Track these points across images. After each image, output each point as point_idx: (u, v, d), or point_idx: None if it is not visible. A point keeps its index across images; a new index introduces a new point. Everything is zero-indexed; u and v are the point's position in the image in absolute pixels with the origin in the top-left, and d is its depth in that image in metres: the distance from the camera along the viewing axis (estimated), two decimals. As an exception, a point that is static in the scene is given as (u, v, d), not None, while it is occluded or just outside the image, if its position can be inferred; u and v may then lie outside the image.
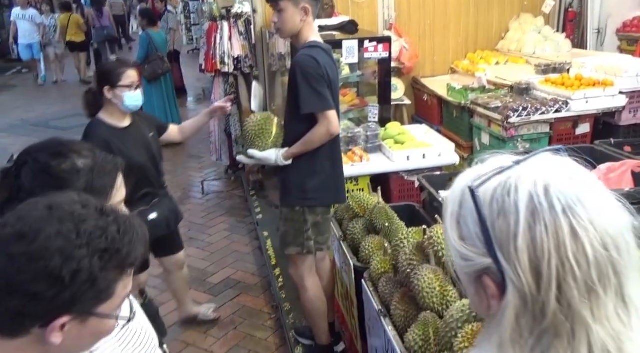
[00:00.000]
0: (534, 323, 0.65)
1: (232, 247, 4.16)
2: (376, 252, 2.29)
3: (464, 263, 0.72)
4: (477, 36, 5.62)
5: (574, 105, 3.89)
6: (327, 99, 2.41)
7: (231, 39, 5.36)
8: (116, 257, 0.81)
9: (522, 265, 0.64)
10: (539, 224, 0.64)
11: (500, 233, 0.66)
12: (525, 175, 0.67)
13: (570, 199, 0.64)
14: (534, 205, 0.65)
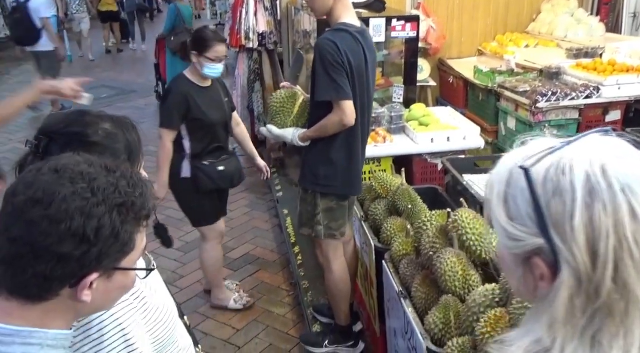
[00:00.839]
0: (587, 303, 0.65)
1: (252, 223, 4.19)
2: (398, 234, 2.28)
3: (512, 244, 0.71)
4: (507, 18, 5.48)
5: (606, 91, 3.78)
6: (343, 87, 2.29)
7: (257, 15, 5.32)
8: (132, 210, 0.83)
9: (578, 245, 0.64)
10: (597, 203, 0.63)
11: (555, 213, 0.66)
12: (580, 155, 0.66)
13: (628, 178, 0.64)
14: (591, 185, 0.64)
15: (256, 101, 5.52)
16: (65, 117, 1.13)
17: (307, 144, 2.52)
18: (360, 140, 2.54)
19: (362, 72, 2.40)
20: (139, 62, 10.37)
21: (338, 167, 2.49)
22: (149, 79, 8.09)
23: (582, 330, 0.66)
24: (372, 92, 2.63)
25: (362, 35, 2.40)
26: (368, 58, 2.41)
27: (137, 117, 7.08)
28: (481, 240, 1.83)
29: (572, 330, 0.66)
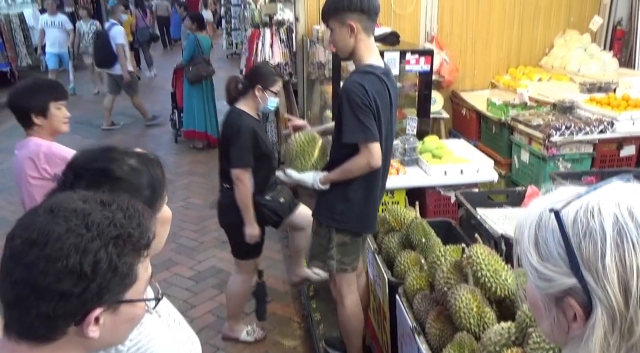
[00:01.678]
0: (621, 341, 0.67)
1: (265, 253, 4.13)
2: (412, 268, 2.27)
3: (544, 284, 0.73)
4: (519, 51, 5.54)
5: (620, 126, 3.79)
6: (371, 130, 2.31)
7: (272, 46, 5.44)
8: (129, 241, 0.83)
9: (611, 283, 0.66)
10: (627, 243, 0.66)
11: (586, 253, 0.68)
12: (606, 199, 0.70)
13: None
14: (620, 225, 0.67)
15: (270, 131, 5.59)
16: (92, 152, 1.16)
17: (327, 187, 2.52)
18: (380, 180, 2.55)
19: (387, 113, 2.42)
20: (156, 91, 10.55)
21: (354, 205, 2.49)
22: (165, 107, 8.23)
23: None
24: (394, 131, 2.63)
25: (387, 75, 2.41)
26: (392, 98, 2.43)
27: (153, 144, 7.19)
28: (496, 277, 1.82)
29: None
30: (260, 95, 2.86)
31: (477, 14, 5.37)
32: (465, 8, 5.34)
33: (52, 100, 2.39)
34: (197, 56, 6.60)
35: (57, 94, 2.44)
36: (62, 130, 2.46)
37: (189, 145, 6.99)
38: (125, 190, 1.03)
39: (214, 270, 3.95)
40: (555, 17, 5.45)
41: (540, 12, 5.40)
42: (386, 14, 5.18)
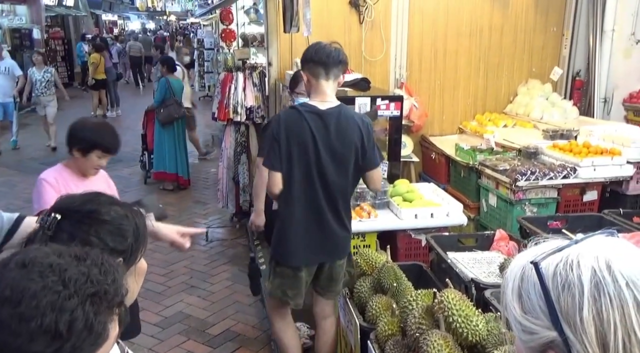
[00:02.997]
0: None
1: (234, 297, 4.10)
2: (384, 313, 2.25)
3: (527, 337, 0.73)
4: (485, 98, 5.74)
5: (582, 172, 3.92)
6: (269, 158, 2.57)
7: (245, 90, 5.49)
8: (105, 299, 0.80)
9: (588, 337, 0.66)
10: (604, 297, 0.67)
11: (565, 306, 0.69)
12: (586, 252, 0.70)
13: (632, 274, 0.67)
14: (597, 279, 0.68)
15: (242, 173, 5.57)
16: (80, 196, 1.15)
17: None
18: (299, 212, 2.60)
19: (307, 147, 2.53)
20: (126, 132, 10.47)
21: (275, 235, 2.71)
22: (135, 149, 8.15)
23: None
24: (333, 167, 2.58)
25: (318, 115, 2.54)
26: (317, 135, 2.51)
27: (122, 186, 7.06)
28: (467, 322, 1.82)
29: None
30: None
31: (444, 62, 5.58)
32: (433, 56, 5.54)
33: (100, 149, 2.45)
34: (168, 98, 6.61)
35: (108, 146, 2.50)
36: (88, 174, 2.53)
37: (159, 186, 6.90)
38: (110, 233, 1.03)
39: (181, 316, 3.83)
40: (519, 67, 5.70)
41: (504, 62, 5.65)
42: (357, 60, 5.34)
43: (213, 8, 11.38)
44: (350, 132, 2.56)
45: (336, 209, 2.64)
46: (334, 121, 2.55)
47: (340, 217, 2.66)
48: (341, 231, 2.67)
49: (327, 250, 2.67)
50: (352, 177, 2.65)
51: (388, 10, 5.33)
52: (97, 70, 11.78)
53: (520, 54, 5.67)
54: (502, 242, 2.88)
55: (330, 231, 2.63)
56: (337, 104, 2.61)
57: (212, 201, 6.26)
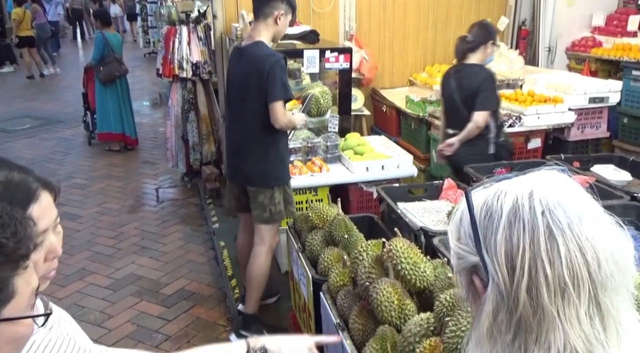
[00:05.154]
0: (510, 318, 0.69)
1: (187, 256, 4.05)
2: (335, 265, 2.27)
3: (457, 262, 0.76)
4: (435, 50, 5.74)
5: (527, 120, 4.01)
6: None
7: (190, 44, 5.27)
8: (2, 252, 0.75)
9: (499, 258, 0.69)
10: (518, 222, 0.68)
11: (485, 231, 0.71)
12: (517, 183, 0.72)
13: (551, 202, 0.68)
14: (516, 206, 0.69)
15: (191, 131, 5.42)
16: None
17: None
18: (227, 131, 3.03)
19: (232, 79, 2.93)
20: (66, 91, 9.96)
21: None
22: (76, 109, 7.78)
23: (508, 346, 0.69)
24: (242, 97, 2.85)
25: (237, 50, 2.90)
26: (231, 70, 2.94)
27: (64, 148, 6.77)
28: (415, 269, 1.85)
29: (500, 348, 0.70)
30: (490, 50, 3.34)
31: (393, 14, 5.50)
32: (382, 8, 5.45)
33: None
34: (107, 55, 6.25)
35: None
36: None
37: (104, 147, 6.64)
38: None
39: (133, 277, 3.76)
40: (466, 17, 5.68)
41: (452, 13, 5.63)
42: (305, 12, 5.19)
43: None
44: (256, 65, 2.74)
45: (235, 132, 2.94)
46: (245, 54, 2.80)
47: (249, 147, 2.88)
48: (254, 159, 2.87)
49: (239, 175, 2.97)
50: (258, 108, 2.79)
51: (335, -41, 5.17)
52: (20, 26, 10.83)
53: (468, 5, 5.66)
54: (450, 191, 2.93)
55: (237, 156, 2.94)
56: (253, 42, 2.81)
57: (162, 161, 6.09)
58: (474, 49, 3.33)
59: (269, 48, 2.81)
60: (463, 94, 3.35)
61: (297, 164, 3.58)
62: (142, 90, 9.86)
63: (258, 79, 2.71)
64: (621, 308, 0.69)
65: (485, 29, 3.41)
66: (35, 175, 1.05)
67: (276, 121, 2.75)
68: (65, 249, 4.21)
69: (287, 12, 2.80)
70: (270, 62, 2.69)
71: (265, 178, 2.88)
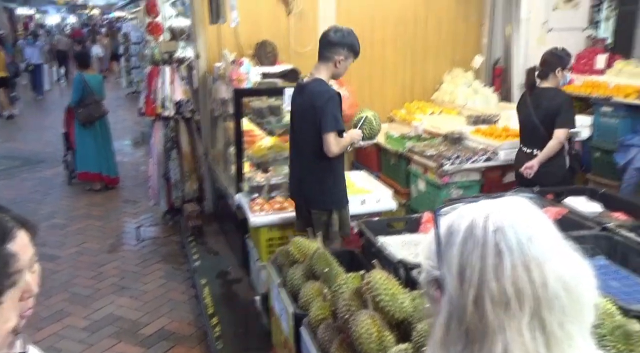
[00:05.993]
0: (459, 328, 0.72)
1: (168, 295, 3.99)
2: (316, 298, 2.26)
3: (424, 276, 0.80)
4: (413, 87, 5.90)
5: (502, 154, 4.11)
6: None
7: (173, 83, 5.35)
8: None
9: (452, 271, 0.74)
10: (472, 238, 0.74)
11: (445, 246, 0.76)
12: (480, 205, 0.77)
13: (503, 223, 0.73)
14: (473, 224, 0.75)
15: (173, 169, 5.43)
16: None
17: None
18: (291, 160, 3.30)
19: (293, 114, 3.22)
20: (47, 131, 9.93)
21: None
22: (57, 148, 7.75)
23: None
24: (297, 128, 3.20)
25: (299, 86, 3.21)
26: (293, 104, 3.21)
27: (44, 188, 6.70)
28: (394, 301, 1.86)
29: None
30: (561, 75, 3.66)
31: (372, 53, 5.66)
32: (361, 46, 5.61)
33: None
34: (86, 97, 6.27)
35: None
36: None
37: (85, 187, 6.59)
38: None
39: (111, 318, 3.68)
40: (443, 55, 5.89)
41: (429, 52, 5.82)
42: (286, 52, 5.33)
43: (135, 0, 10.96)
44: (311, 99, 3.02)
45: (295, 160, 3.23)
46: (303, 91, 3.09)
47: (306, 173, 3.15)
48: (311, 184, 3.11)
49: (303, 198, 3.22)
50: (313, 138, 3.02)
51: (315, 1, 5.35)
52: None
53: (444, 43, 5.86)
54: (429, 224, 2.97)
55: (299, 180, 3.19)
56: (313, 78, 3.07)
57: (143, 199, 6.06)
58: (545, 76, 3.68)
59: (327, 85, 3.06)
60: (541, 115, 3.63)
61: (278, 200, 3.60)
62: (125, 129, 9.88)
63: (313, 112, 2.96)
64: (575, 334, 0.71)
65: (554, 57, 3.73)
66: (12, 213, 1.05)
67: (328, 151, 2.98)
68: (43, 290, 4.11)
69: (348, 57, 3.07)
70: (325, 98, 2.96)
71: (323, 201, 3.13)
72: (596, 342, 0.96)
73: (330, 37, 3.02)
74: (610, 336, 1.34)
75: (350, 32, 3.09)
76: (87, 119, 6.31)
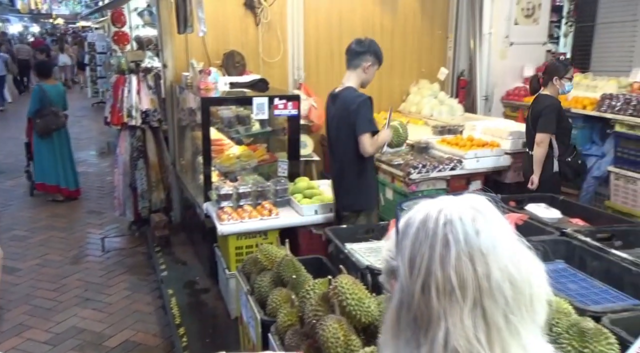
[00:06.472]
0: (408, 315, 0.76)
1: (133, 306, 3.91)
2: (283, 305, 2.26)
3: (385, 267, 0.84)
4: (381, 98, 5.98)
5: (467, 163, 4.21)
6: None
7: (139, 93, 5.29)
8: None
9: (404, 259, 0.77)
10: (424, 230, 0.77)
11: (402, 237, 0.80)
12: (438, 200, 0.81)
13: (452, 216, 0.76)
14: (426, 217, 0.78)
15: (139, 178, 5.35)
16: None
17: None
18: (330, 165, 3.59)
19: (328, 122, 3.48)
20: (7, 141, 9.64)
21: None
22: (18, 159, 7.54)
23: (409, 342, 0.76)
24: (333, 133, 3.43)
25: (332, 95, 3.41)
26: (328, 112, 3.46)
27: (4, 199, 6.50)
28: (360, 305, 1.88)
29: (402, 343, 0.77)
30: (558, 84, 3.82)
31: (340, 64, 5.69)
32: (329, 57, 5.69)
33: None
34: (44, 108, 6.12)
35: None
36: None
37: (47, 198, 6.42)
38: None
39: (74, 331, 3.59)
40: (409, 67, 6.02)
41: (395, 64, 5.93)
42: (255, 62, 5.35)
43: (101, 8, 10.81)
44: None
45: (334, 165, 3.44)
46: (337, 100, 3.30)
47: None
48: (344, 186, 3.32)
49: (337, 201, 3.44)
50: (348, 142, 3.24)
51: (284, 12, 5.40)
52: None
53: (410, 56, 5.99)
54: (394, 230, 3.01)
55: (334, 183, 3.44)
56: (345, 87, 3.29)
57: (109, 210, 5.95)
58: (545, 84, 3.92)
59: (358, 91, 3.29)
60: (531, 119, 3.94)
61: (246, 208, 3.59)
62: (90, 139, 9.70)
63: (348, 117, 3.19)
64: (521, 328, 0.74)
65: (552, 65, 3.99)
66: None
67: (365, 151, 3.20)
68: (2, 303, 3.99)
69: (374, 63, 3.33)
70: (358, 102, 3.18)
71: (352, 203, 3.34)
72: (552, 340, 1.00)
73: (356, 47, 3.30)
74: (566, 334, 1.39)
75: (374, 42, 3.38)
76: (44, 130, 6.16)
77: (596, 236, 2.47)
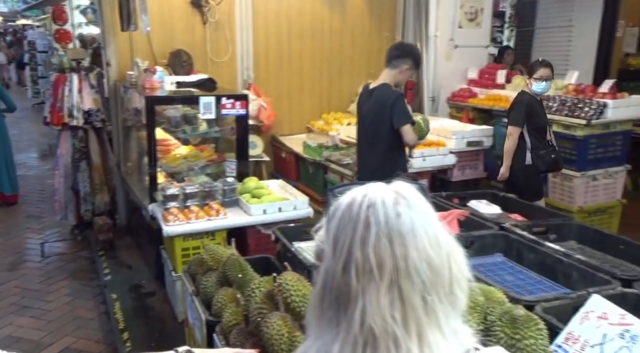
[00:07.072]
0: (330, 295, 0.78)
1: (74, 313, 3.76)
2: (228, 305, 2.23)
3: (315, 250, 0.88)
4: (330, 98, 6.03)
5: (414, 162, 4.30)
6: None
7: (81, 92, 5.11)
8: None
9: (330, 241, 0.80)
10: (348, 213, 0.80)
11: (329, 221, 0.83)
12: (366, 187, 0.83)
13: (376, 199, 0.79)
14: (352, 201, 0.81)
15: (82, 181, 5.16)
16: None
17: None
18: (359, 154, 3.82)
19: (360, 112, 3.71)
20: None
21: None
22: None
23: (331, 322, 0.78)
24: (369, 126, 3.59)
25: (367, 90, 3.61)
26: (362, 106, 3.64)
27: None
28: (305, 301, 1.88)
29: (325, 324, 0.79)
30: (529, 82, 3.94)
31: (290, 65, 5.74)
32: (279, 58, 5.68)
33: None
34: None
35: None
36: None
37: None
38: None
39: (10, 340, 3.41)
40: (358, 68, 6.08)
41: (344, 65, 5.99)
42: (203, 61, 5.28)
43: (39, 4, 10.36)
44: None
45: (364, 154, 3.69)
46: (373, 95, 3.52)
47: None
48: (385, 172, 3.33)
49: None
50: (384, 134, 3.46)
51: (232, 11, 5.35)
52: None
53: (359, 57, 6.06)
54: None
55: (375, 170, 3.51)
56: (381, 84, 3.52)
57: (49, 214, 5.70)
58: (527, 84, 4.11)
59: (392, 88, 3.50)
60: (507, 113, 4.10)
61: (193, 209, 3.53)
62: (30, 141, 9.28)
63: (384, 111, 3.41)
64: (439, 311, 0.76)
65: (529, 65, 4.16)
66: None
67: (409, 140, 3.45)
68: None
69: (412, 67, 3.52)
70: (394, 97, 3.41)
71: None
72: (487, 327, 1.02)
73: (400, 49, 3.55)
74: (499, 321, 1.43)
75: (416, 47, 3.71)
76: None
77: (532, 230, 2.57)
